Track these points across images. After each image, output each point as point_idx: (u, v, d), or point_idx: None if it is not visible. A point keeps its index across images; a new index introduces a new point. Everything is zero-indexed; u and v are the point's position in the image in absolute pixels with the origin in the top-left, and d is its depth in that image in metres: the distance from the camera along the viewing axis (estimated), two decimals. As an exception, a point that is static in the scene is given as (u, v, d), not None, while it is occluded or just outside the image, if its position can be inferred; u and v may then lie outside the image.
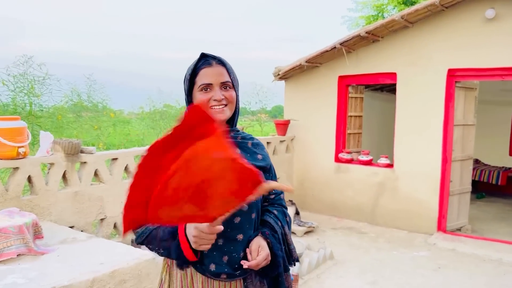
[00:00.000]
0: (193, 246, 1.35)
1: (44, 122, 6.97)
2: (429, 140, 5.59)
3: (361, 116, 6.91)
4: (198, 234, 1.31)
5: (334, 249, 4.87)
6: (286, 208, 1.73)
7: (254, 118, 13.47)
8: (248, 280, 1.52)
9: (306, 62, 6.19)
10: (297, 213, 5.72)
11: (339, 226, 6.05)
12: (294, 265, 1.72)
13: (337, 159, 6.49)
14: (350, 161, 6.39)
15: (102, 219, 4.10)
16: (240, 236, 1.49)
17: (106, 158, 4.19)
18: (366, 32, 5.57)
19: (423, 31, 5.56)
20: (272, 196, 1.70)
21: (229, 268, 1.48)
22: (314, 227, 5.62)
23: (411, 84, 5.71)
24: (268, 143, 6.33)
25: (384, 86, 8.02)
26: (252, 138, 1.66)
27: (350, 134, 6.71)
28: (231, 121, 1.57)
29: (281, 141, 6.65)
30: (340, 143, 6.52)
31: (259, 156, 1.62)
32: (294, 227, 5.48)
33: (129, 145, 10.01)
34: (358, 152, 6.66)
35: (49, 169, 3.71)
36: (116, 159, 4.24)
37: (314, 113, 6.64)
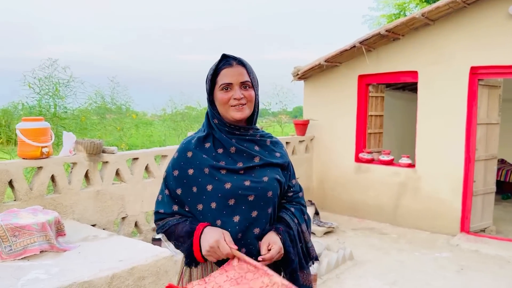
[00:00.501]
0: (204, 253, 1.46)
1: (68, 123, 7.13)
2: (451, 140, 5.48)
3: (382, 115, 6.83)
4: (214, 247, 1.43)
5: (354, 250, 4.84)
6: (305, 207, 1.75)
7: (274, 119, 13.47)
8: None
9: (325, 61, 6.16)
10: (316, 213, 5.70)
11: (359, 226, 5.99)
12: (313, 263, 1.74)
13: (358, 159, 6.43)
14: (370, 161, 6.32)
15: (123, 218, 4.18)
16: (256, 230, 1.55)
17: (127, 158, 4.27)
18: (386, 30, 5.51)
19: (445, 29, 5.46)
20: (290, 194, 1.72)
21: None
22: (334, 228, 5.58)
23: (432, 82, 5.62)
24: (287, 143, 6.33)
25: (406, 85, 7.92)
26: (271, 137, 1.72)
27: (370, 133, 6.64)
28: (251, 119, 1.64)
29: (300, 141, 6.64)
30: (361, 143, 6.46)
31: (277, 154, 1.68)
32: (313, 227, 5.46)
33: (151, 146, 10.15)
34: (379, 152, 6.58)
35: (72, 168, 3.80)
36: (137, 158, 4.31)
37: (334, 112, 6.61)
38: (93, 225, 3.86)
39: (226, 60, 1.57)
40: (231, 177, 1.54)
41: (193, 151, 1.59)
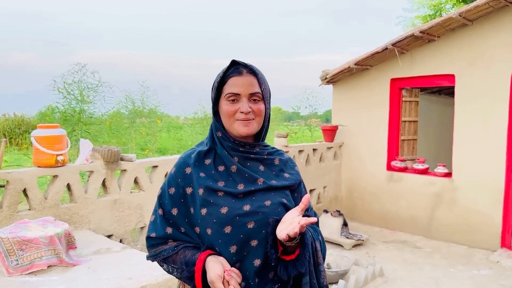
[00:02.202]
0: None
1: (95, 128, 7.15)
2: (491, 148, 5.10)
3: (416, 121, 6.49)
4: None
5: (385, 265, 4.54)
6: (320, 234, 1.50)
7: (304, 123, 13.22)
8: None
9: (355, 64, 5.89)
10: (345, 224, 5.42)
11: (391, 239, 5.67)
12: None
13: (390, 167, 6.11)
14: (403, 169, 5.99)
15: (142, 227, 4.06)
16: (257, 262, 1.34)
17: (146, 166, 4.15)
18: (421, 32, 5.19)
19: (484, 29, 5.09)
20: None
21: None
22: (363, 240, 5.29)
23: (471, 86, 5.25)
24: (314, 149, 6.08)
25: (442, 89, 7.52)
26: (280, 154, 1.53)
27: (404, 140, 6.31)
28: (259, 135, 1.46)
29: (328, 148, 6.37)
30: (393, 150, 6.14)
31: (286, 175, 1.48)
32: (341, 239, 5.19)
33: (182, 150, 10.14)
34: (413, 160, 6.24)
35: (89, 177, 3.71)
36: (156, 166, 4.19)
37: (365, 118, 6.31)
38: (110, 235, 3.75)
39: (235, 67, 1.39)
40: (228, 200, 1.35)
41: (192, 168, 1.41)
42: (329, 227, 5.33)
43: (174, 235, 1.41)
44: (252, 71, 1.40)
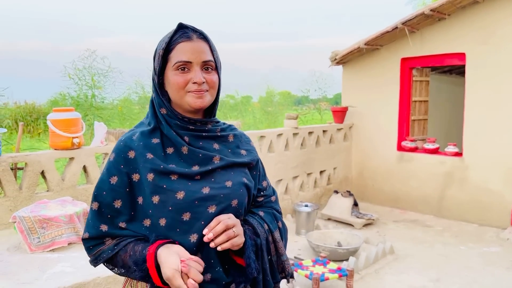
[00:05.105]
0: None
1: (107, 113, 7.24)
2: (502, 127, 5.08)
3: (426, 101, 6.46)
4: (171, 280, 1.08)
5: (396, 243, 4.60)
6: (280, 213, 1.40)
7: (313, 106, 13.19)
8: None
9: (365, 44, 5.86)
10: (355, 204, 5.47)
11: (401, 218, 5.72)
12: (288, 281, 1.38)
13: (400, 148, 6.12)
14: (414, 149, 6.00)
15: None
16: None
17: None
18: (431, 10, 5.14)
19: (495, 7, 5.03)
20: (261, 199, 1.38)
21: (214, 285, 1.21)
22: (373, 220, 5.35)
23: (482, 65, 5.22)
24: (324, 131, 6.11)
25: (453, 68, 7.45)
26: (233, 129, 1.38)
27: (414, 120, 6.30)
28: (211, 109, 1.32)
29: (338, 129, 6.39)
30: (404, 131, 6.14)
31: (243, 152, 1.34)
32: (352, 219, 5.25)
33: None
34: (424, 140, 6.24)
35: (104, 159, 3.79)
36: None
37: (375, 98, 6.31)
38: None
39: (183, 32, 1.22)
40: (184, 183, 1.19)
41: (136, 150, 1.20)
42: (339, 207, 5.38)
43: (111, 232, 1.20)
44: (203, 36, 1.24)
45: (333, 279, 3.41)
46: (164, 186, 1.17)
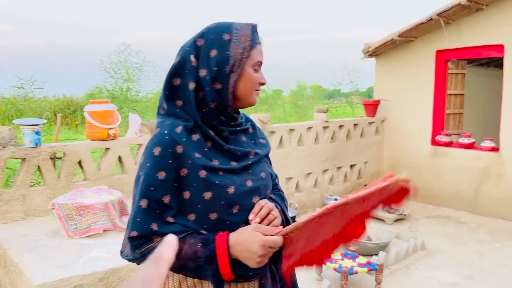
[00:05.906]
0: (255, 266, 1.17)
1: (141, 106, 7.41)
2: (543, 121, 4.90)
3: (462, 94, 6.28)
4: (267, 253, 1.17)
5: (428, 239, 4.52)
6: (283, 193, 1.48)
7: (345, 100, 13.06)
8: (263, 279, 1.30)
9: (399, 36, 5.75)
10: (386, 198, 5.40)
11: (434, 214, 5.61)
12: None
13: (434, 142, 5.99)
14: (449, 144, 5.86)
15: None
16: None
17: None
18: (468, 0, 4.99)
19: (539, -5, 4.84)
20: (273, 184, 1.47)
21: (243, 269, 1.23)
22: (405, 215, 5.27)
23: (522, 57, 5.03)
24: (355, 124, 6.05)
25: (490, 61, 7.20)
26: (247, 119, 1.41)
27: (449, 114, 6.15)
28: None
29: (370, 123, 6.31)
30: (438, 125, 6.00)
31: (262, 141, 1.40)
32: (383, 214, 5.20)
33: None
34: (459, 135, 6.08)
35: (138, 150, 3.90)
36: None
37: (408, 92, 6.19)
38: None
39: (257, 34, 1.28)
40: (231, 178, 1.23)
41: (183, 145, 1.19)
42: (370, 201, 5.33)
43: (161, 231, 1.18)
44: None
45: (362, 273, 3.40)
46: (217, 182, 1.20)
